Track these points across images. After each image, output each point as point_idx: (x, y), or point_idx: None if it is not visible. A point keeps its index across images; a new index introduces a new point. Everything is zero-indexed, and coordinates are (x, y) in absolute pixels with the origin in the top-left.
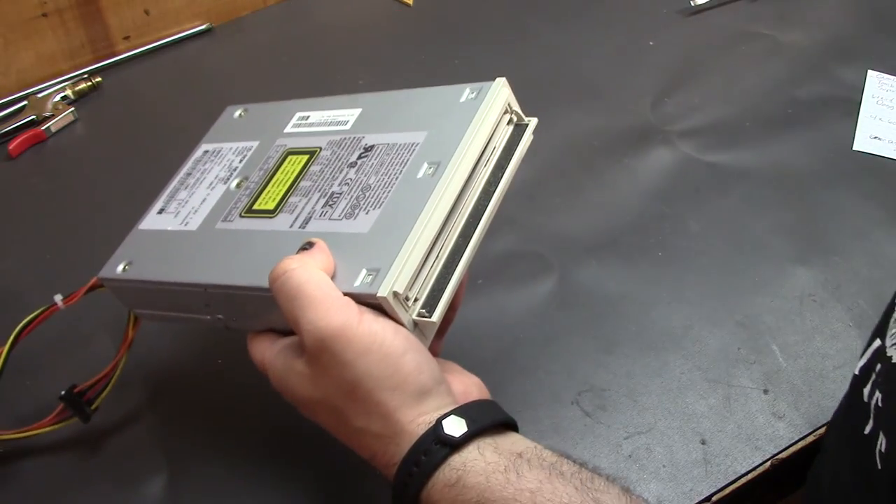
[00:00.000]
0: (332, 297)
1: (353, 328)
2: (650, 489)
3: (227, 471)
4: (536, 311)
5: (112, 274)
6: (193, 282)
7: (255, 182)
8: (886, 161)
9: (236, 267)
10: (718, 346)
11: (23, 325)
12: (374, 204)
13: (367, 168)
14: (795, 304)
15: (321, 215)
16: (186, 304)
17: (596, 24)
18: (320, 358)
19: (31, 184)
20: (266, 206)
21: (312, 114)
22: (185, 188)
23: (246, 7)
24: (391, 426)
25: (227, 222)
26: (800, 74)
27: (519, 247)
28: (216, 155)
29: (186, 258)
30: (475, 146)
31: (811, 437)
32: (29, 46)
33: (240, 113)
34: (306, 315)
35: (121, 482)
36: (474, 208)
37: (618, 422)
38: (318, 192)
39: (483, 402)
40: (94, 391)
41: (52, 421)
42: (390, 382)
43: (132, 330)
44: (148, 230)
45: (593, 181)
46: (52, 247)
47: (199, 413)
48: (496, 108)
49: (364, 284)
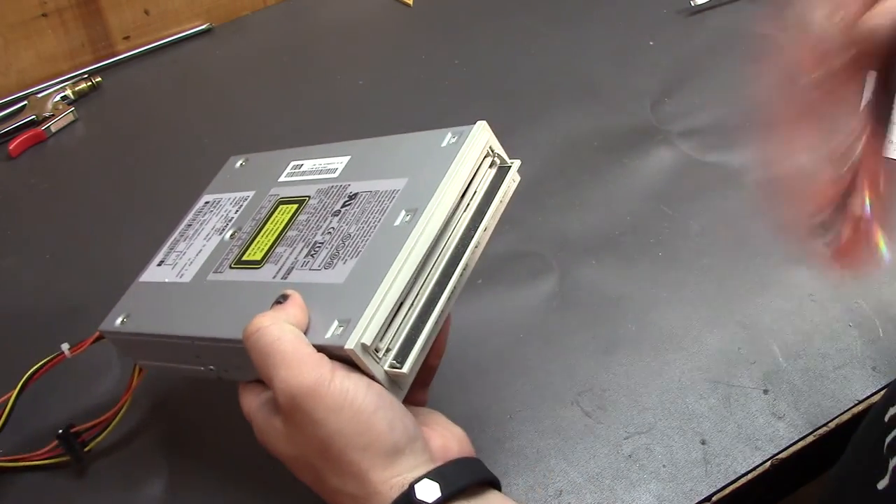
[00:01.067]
0: (304, 353)
1: (324, 386)
2: (650, 489)
3: (227, 472)
4: (536, 311)
5: (111, 327)
6: (182, 334)
7: (247, 233)
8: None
9: (221, 319)
10: (718, 346)
11: (30, 374)
12: (353, 253)
13: (349, 216)
14: (795, 304)
15: (303, 265)
16: (180, 355)
17: (596, 24)
18: (294, 416)
19: (31, 184)
20: (254, 256)
21: (306, 162)
22: (184, 239)
23: (246, 7)
24: (365, 487)
25: (217, 273)
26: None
27: (519, 247)
28: (215, 206)
29: (178, 311)
30: (452, 191)
31: (811, 437)
32: (29, 46)
33: (241, 163)
34: (279, 373)
35: (121, 483)
36: (452, 255)
37: (618, 422)
38: (303, 242)
39: (461, 462)
40: (90, 434)
41: (44, 456)
42: (361, 441)
43: (136, 378)
44: (147, 282)
45: (593, 181)
46: (51, 247)
47: (199, 414)
48: (475, 151)
49: (334, 336)
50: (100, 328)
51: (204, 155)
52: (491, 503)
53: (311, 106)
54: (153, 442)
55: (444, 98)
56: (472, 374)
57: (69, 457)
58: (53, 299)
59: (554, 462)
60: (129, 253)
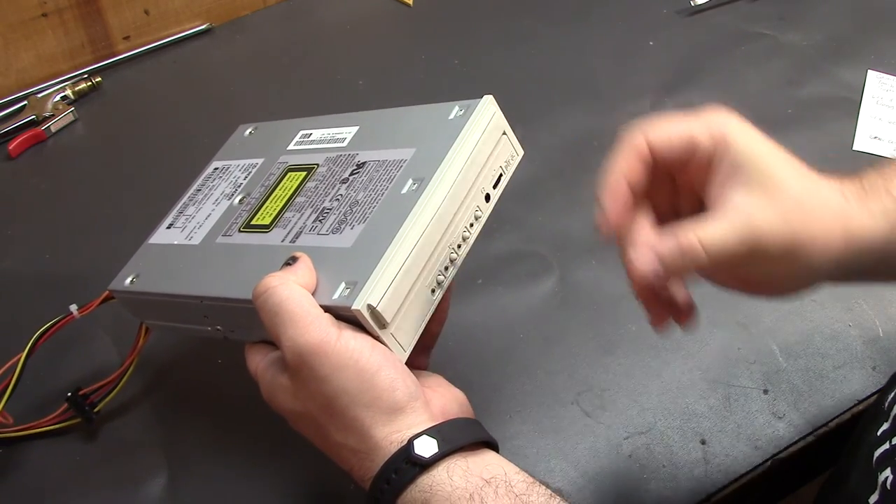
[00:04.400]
0: (311, 314)
1: (330, 344)
2: (650, 489)
3: (227, 471)
4: (536, 311)
5: (121, 286)
6: (192, 294)
7: (256, 198)
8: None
9: (230, 280)
10: (718, 346)
11: (40, 333)
12: (360, 219)
13: (357, 184)
14: (795, 304)
15: (311, 230)
16: (188, 315)
17: (596, 24)
18: (300, 372)
19: (31, 184)
20: (263, 220)
21: (315, 131)
22: (193, 204)
23: (246, 7)
24: (366, 442)
25: (226, 237)
26: (800, 74)
27: (519, 247)
28: (224, 172)
29: (187, 271)
30: (458, 162)
31: (811, 437)
32: (29, 46)
33: (250, 131)
34: (287, 332)
35: (121, 482)
36: (456, 225)
37: (618, 422)
38: (311, 208)
39: (459, 421)
40: (98, 395)
41: (55, 420)
42: (365, 398)
43: (142, 339)
44: (156, 244)
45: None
46: (51, 247)
47: (199, 413)
48: (481, 124)
49: (341, 297)
50: (109, 288)
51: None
52: (486, 463)
53: (312, 106)
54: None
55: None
56: (472, 374)
57: (80, 419)
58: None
59: (554, 462)
60: (128, 253)
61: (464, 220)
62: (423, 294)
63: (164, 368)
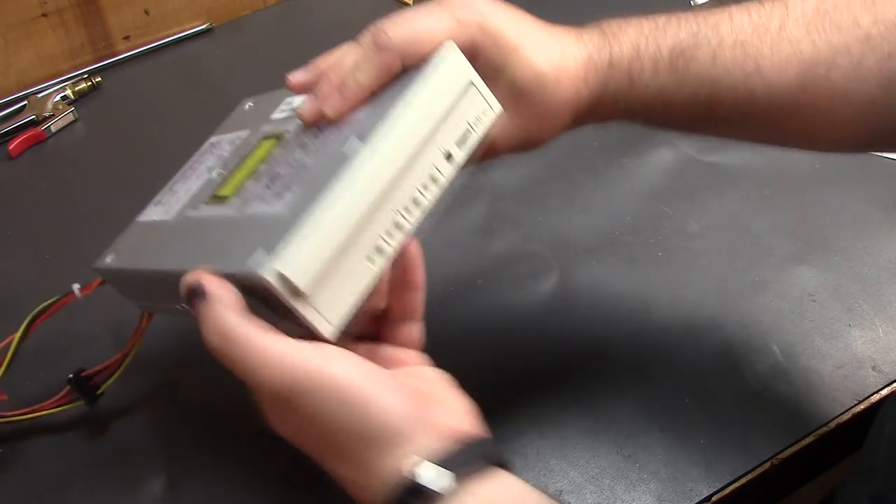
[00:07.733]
0: (263, 351)
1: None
2: (650, 489)
3: (228, 471)
4: (536, 311)
5: (102, 264)
6: (152, 269)
7: (230, 170)
8: (886, 161)
9: (181, 254)
10: (718, 346)
11: (38, 311)
12: (301, 183)
13: (311, 148)
14: (795, 304)
15: (260, 198)
16: (160, 293)
17: None
18: (283, 415)
19: (31, 184)
20: (225, 192)
21: (297, 98)
22: (182, 180)
23: (246, 7)
24: (370, 477)
25: (193, 210)
26: None
27: (519, 247)
28: (216, 147)
29: (153, 247)
30: (407, 114)
31: (811, 437)
32: (29, 46)
33: (249, 105)
34: (249, 380)
35: (121, 482)
36: (409, 188)
37: (618, 422)
38: (267, 176)
39: (467, 443)
40: (101, 377)
41: (57, 402)
42: (358, 432)
43: (145, 321)
44: (141, 221)
45: (593, 181)
46: (52, 247)
47: (199, 413)
48: (437, 72)
49: (250, 264)
50: (93, 265)
51: None
52: (494, 491)
53: None
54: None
55: None
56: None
57: (83, 400)
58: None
59: (554, 462)
60: None
61: (416, 181)
62: (357, 262)
63: (164, 368)
